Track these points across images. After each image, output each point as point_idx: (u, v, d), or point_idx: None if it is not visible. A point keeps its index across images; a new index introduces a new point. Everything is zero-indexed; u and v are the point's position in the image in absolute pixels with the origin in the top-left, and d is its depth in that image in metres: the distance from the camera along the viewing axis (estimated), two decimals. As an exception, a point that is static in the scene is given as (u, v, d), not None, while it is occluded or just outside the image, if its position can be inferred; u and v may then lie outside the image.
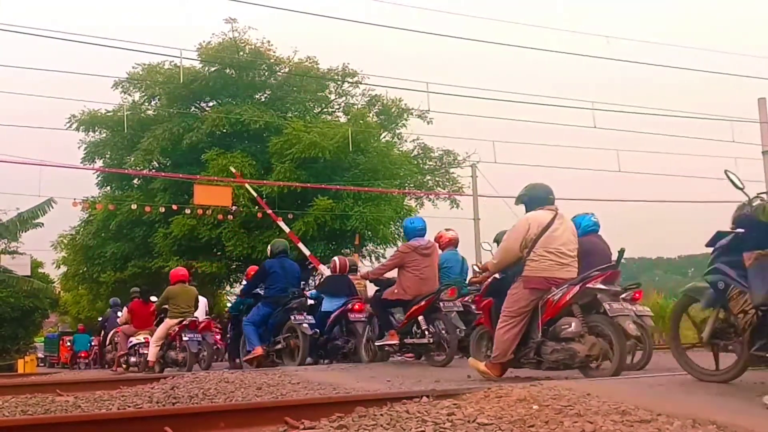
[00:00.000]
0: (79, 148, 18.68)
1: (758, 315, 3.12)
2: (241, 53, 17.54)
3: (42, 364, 23.59)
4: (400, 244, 9.95)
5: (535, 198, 4.61)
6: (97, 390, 5.07)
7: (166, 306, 8.22)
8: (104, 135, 18.82)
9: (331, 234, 16.27)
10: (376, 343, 6.54)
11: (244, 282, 10.26)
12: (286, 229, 14.45)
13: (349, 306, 7.10)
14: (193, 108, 18.51)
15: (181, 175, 16.16)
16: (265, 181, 16.01)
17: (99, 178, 19.17)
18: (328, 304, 7.38)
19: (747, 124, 14.66)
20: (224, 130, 16.95)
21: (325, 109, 19.75)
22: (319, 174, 16.36)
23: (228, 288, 21.02)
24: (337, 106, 20.00)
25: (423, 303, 5.91)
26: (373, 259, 18.15)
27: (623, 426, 2.55)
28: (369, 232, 16.55)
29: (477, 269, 5.31)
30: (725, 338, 3.47)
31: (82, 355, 17.36)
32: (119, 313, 11.33)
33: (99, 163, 18.94)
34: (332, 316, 7.19)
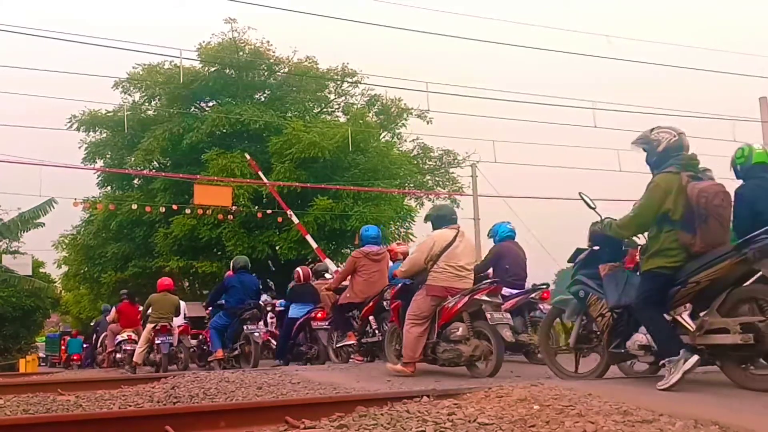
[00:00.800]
0: (79, 148, 18.73)
1: (613, 317, 3.76)
2: (241, 53, 17.55)
3: (43, 364, 23.61)
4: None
5: (441, 218, 5.30)
6: (98, 389, 5.10)
7: (149, 312, 9.10)
8: (105, 135, 18.84)
9: (330, 234, 16.29)
10: (336, 345, 7.02)
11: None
12: (296, 221, 14.37)
13: (312, 314, 7.60)
14: (193, 108, 18.52)
15: (181, 175, 16.17)
16: (264, 181, 16.03)
17: (99, 178, 19.19)
18: (294, 311, 7.90)
19: (748, 123, 14.67)
20: (224, 130, 16.97)
21: (325, 109, 19.77)
22: (318, 174, 16.37)
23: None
24: (337, 106, 20.02)
25: (371, 303, 6.29)
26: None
27: (625, 426, 2.54)
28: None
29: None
30: (588, 343, 4.14)
31: (74, 357, 18.25)
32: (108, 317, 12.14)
33: (99, 163, 18.96)
34: (297, 323, 7.74)
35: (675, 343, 3.34)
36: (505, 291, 6.08)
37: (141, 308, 9.97)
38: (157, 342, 8.66)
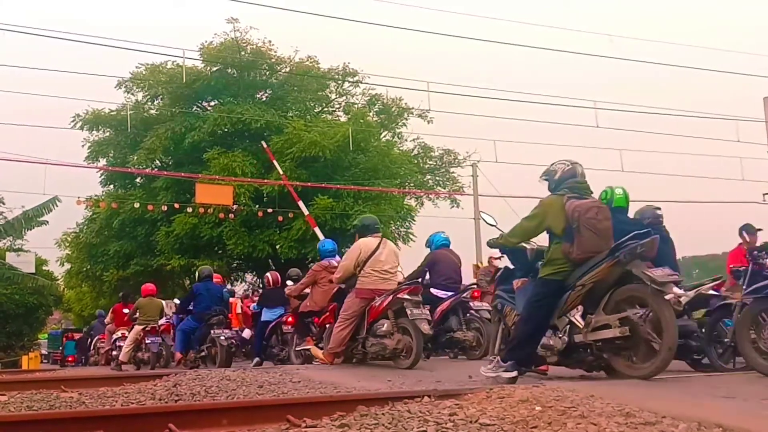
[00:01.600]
0: (83, 146, 18.79)
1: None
2: (243, 53, 17.59)
3: (45, 361, 23.70)
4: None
5: (366, 228, 6.07)
6: (100, 387, 5.13)
7: (137, 315, 10.01)
8: (108, 134, 18.89)
9: (331, 233, 16.29)
10: (296, 348, 7.65)
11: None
12: (305, 212, 14.36)
13: (284, 319, 8.19)
14: (195, 107, 18.57)
15: (183, 174, 16.23)
16: (265, 180, 16.07)
17: (102, 177, 19.25)
18: (266, 315, 8.51)
19: (752, 123, 14.64)
20: (225, 130, 17.01)
21: (326, 109, 19.80)
22: (319, 173, 16.42)
23: (228, 286, 21.09)
24: (338, 106, 20.04)
25: (327, 312, 6.76)
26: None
27: (627, 428, 2.53)
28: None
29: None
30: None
31: (69, 359, 19.49)
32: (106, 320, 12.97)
33: (102, 162, 19.02)
34: (269, 326, 8.32)
35: (522, 355, 3.90)
36: (441, 293, 6.88)
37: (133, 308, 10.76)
38: (147, 342, 9.53)
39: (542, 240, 4.29)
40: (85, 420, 2.83)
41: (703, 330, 4.66)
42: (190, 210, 15.71)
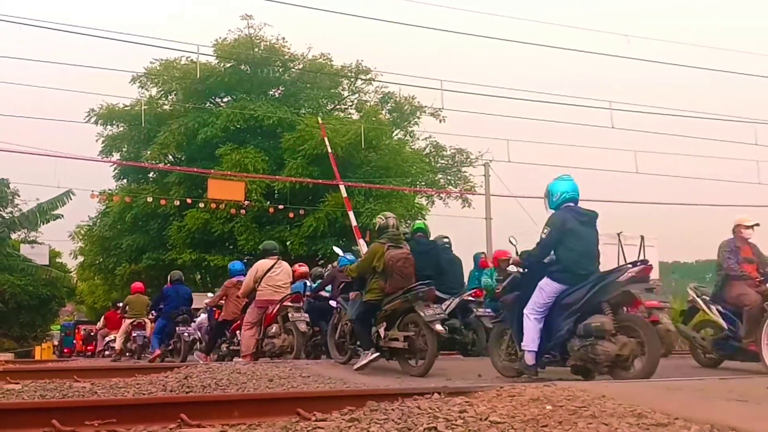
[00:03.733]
0: (97, 141, 19.01)
1: (350, 325, 5.87)
2: (256, 50, 17.66)
3: (58, 352, 24.03)
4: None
5: (265, 251, 7.52)
6: (113, 377, 5.19)
7: (127, 309, 11.26)
8: (122, 129, 19.09)
9: (341, 230, 16.36)
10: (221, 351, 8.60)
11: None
12: (344, 194, 13.78)
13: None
14: (208, 103, 18.69)
15: (195, 170, 16.34)
16: (277, 177, 16.13)
17: (116, 171, 19.47)
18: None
19: (769, 126, 14.38)
20: (238, 126, 17.10)
21: (338, 106, 19.82)
22: (330, 170, 16.41)
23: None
24: (350, 103, 20.06)
25: (239, 321, 7.83)
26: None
27: (639, 429, 2.50)
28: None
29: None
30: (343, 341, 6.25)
31: (65, 351, 21.11)
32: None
33: (116, 157, 19.22)
34: (232, 327, 8.78)
35: (369, 343, 5.51)
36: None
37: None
38: (134, 335, 10.83)
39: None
40: (99, 409, 2.85)
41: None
42: (202, 205, 15.83)
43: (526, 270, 4.77)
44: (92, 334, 18.42)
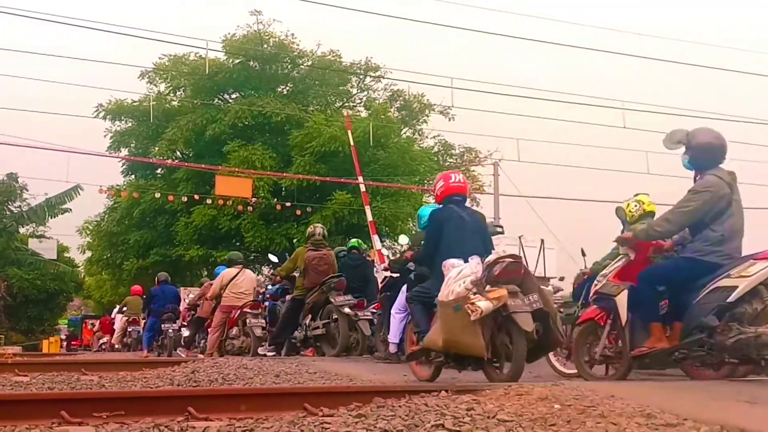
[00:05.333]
0: (105, 136, 19.10)
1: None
2: (265, 46, 17.67)
3: (66, 346, 24.21)
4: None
5: (231, 260, 8.56)
6: (120, 371, 5.22)
7: (125, 308, 13.17)
8: (130, 124, 19.17)
9: (348, 228, 16.36)
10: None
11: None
12: (363, 188, 13.09)
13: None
14: (216, 99, 18.72)
15: (203, 166, 16.38)
16: (284, 174, 16.14)
17: (124, 167, 19.54)
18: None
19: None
20: (246, 123, 17.11)
21: (347, 103, 19.79)
22: (338, 168, 16.41)
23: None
24: (359, 101, 20.02)
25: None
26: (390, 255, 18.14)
27: (648, 429, 2.48)
28: (386, 228, 16.56)
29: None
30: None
31: (73, 344, 23.51)
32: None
33: (124, 152, 19.31)
34: (206, 324, 9.50)
35: (283, 337, 6.75)
36: None
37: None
38: (129, 329, 12.82)
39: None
40: (107, 401, 2.87)
41: None
42: (209, 202, 15.86)
43: (397, 275, 5.77)
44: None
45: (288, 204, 15.75)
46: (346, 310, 6.10)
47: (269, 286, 8.90)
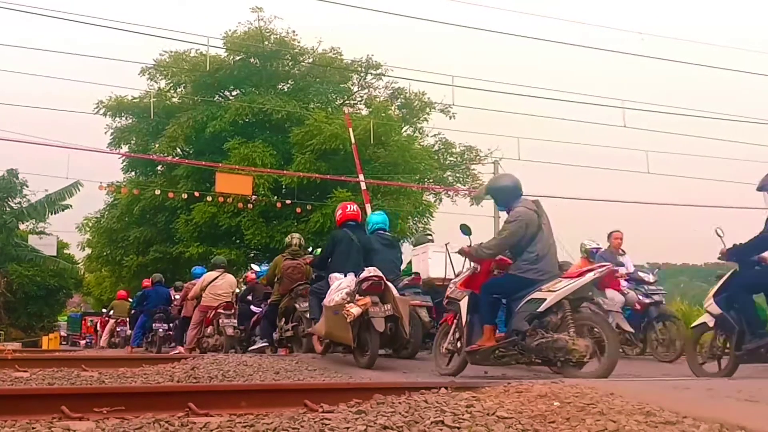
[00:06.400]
0: (105, 133, 19.07)
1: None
2: (266, 43, 17.63)
3: (65, 343, 24.23)
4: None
5: (214, 264, 9.19)
6: (120, 367, 5.22)
7: (111, 311, 14.82)
8: (130, 121, 19.13)
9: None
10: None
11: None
12: (363, 186, 13.56)
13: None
14: (217, 96, 18.69)
15: (203, 163, 16.36)
16: (285, 172, 16.13)
17: (124, 164, 19.51)
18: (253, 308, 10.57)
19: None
20: (247, 120, 17.10)
21: (348, 101, 19.76)
22: (338, 166, 16.40)
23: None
24: (360, 99, 20.00)
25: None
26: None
27: (647, 427, 2.49)
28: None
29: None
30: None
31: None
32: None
33: (125, 149, 19.26)
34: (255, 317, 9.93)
35: (268, 334, 7.42)
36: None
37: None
38: (117, 330, 14.21)
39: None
40: (107, 396, 2.86)
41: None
42: (209, 199, 15.85)
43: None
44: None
45: (288, 202, 15.74)
46: (308, 315, 6.50)
47: (244, 286, 9.66)
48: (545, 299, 4.14)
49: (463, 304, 4.57)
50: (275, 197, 16.20)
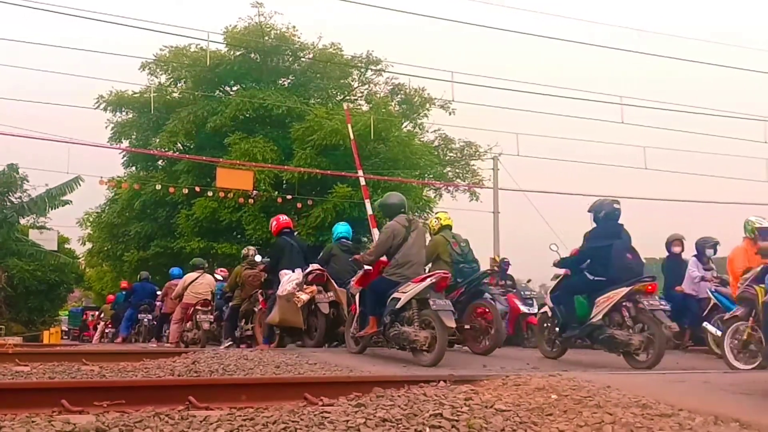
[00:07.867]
0: (106, 127, 19.05)
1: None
2: (267, 38, 17.59)
3: (65, 337, 24.28)
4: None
5: (194, 266, 9.77)
6: (121, 361, 5.24)
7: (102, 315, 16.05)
8: (131, 116, 19.10)
9: (348, 221, 16.31)
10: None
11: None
12: (363, 182, 13.64)
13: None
14: (217, 92, 18.65)
15: (204, 158, 16.35)
16: (285, 167, 16.12)
17: (125, 158, 19.50)
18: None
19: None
20: (247, 115, 17.06)
21: (348, 97, 19.72)
22: (339, 161, 16.38)
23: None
24: (360, 94, 19.95)
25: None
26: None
27: (643, 419, 2.51)
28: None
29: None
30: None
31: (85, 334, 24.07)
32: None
33: (125, 144, 19.26)
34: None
35: (229, 334, 8.00)
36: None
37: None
38: (106, 331, 15.01)
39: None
40: (108, 390, 2.88)
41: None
42: (210, 194, 15.85)
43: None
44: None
45: (289, 197, 15.73)
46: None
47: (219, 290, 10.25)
48: (400, 299, 5.10)
49: (357, 299, 5.64)
50: (276, 192, 16.19)
